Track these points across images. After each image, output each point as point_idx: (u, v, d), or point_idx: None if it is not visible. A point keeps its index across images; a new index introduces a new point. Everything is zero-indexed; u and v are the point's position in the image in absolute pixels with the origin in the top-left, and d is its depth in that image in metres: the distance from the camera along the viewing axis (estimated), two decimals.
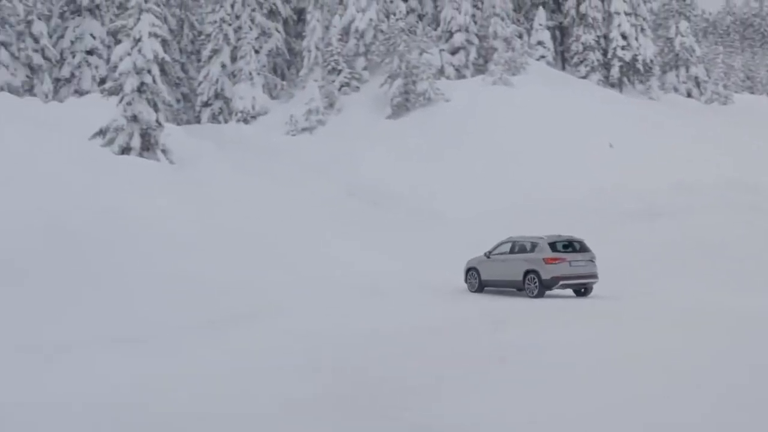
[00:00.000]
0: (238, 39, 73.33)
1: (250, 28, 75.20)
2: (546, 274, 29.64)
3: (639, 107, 68.65)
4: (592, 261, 30.24)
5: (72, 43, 67.67)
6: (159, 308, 24.15)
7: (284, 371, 17.89)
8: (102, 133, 42.74)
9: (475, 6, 78.00)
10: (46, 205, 28.94)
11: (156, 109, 42.89)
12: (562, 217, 44.04)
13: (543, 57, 77.67)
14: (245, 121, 68.93)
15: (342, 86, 70.64)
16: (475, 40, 75.94)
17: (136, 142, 42.15)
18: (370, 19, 73.33)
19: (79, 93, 64.45)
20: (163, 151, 43.23)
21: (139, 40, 42.55)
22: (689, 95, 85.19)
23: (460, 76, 74.19)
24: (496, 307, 28.07)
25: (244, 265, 30.20)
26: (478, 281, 32.40)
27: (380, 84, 68.77)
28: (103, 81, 63.46)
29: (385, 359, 19.14)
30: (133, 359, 18.83)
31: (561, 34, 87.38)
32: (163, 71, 47.40)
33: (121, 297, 24.50)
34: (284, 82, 77.10)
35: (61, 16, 69.17)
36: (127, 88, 42.18)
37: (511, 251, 31.41)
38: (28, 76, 63.07)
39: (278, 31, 79.02)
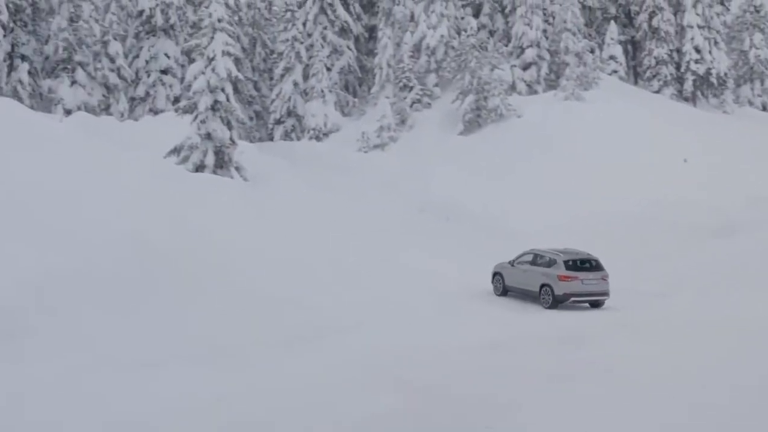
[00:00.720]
0: (310, 57, 73.67)
1: (322, 46, 75.67)
2: (559, 290, 31.67)
3: (713, 121, 67.76)
4: (604, 279, 32.06)
5: (147, 62, 68.66)
6: (234, 326, 24.39)
7: (362, 387, 18.00)
8: (176, 151, 43.36)
9: (546, 21, 77.57)
10: (122, 222, 29.33)
11: (229, 126, 43.42)
12: (631, 232, 44.03)
13: (615, 72, 76.94)
14: (317, 138, 69.23)
15: (413, 103, 70.65)
16: (547, 56, 75.62)
17: (210, 159, 42.69)
18: (441, 36, 73.28)
19: (154, 112, 65.39)
20: (237, 169, 43.71)
21: (212, 59, 43.13)
22: (764, 109, 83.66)
23: (532, 91, 73.86)
24: (564, 323, 28.36)
25: (317, 281, 30.34)
26: (502, 285, 34.25)
27: (452, 100, 68.69)
28: (177, 100, 64.20)
29: (461, 375, 19.17)
30: (211, 376, 19.07)
31: (633, 48, 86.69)
32: (236, 89, 47.98)
33: (196, 314, 24.77)
34: (356, 99, 77.45)
35: (137, 36, 70.21)
36: (201, 107, 42.77)
37: (532, 263, 33.21)
38: (104, 96, 64.28)
39: (350, 49, 79.36)
